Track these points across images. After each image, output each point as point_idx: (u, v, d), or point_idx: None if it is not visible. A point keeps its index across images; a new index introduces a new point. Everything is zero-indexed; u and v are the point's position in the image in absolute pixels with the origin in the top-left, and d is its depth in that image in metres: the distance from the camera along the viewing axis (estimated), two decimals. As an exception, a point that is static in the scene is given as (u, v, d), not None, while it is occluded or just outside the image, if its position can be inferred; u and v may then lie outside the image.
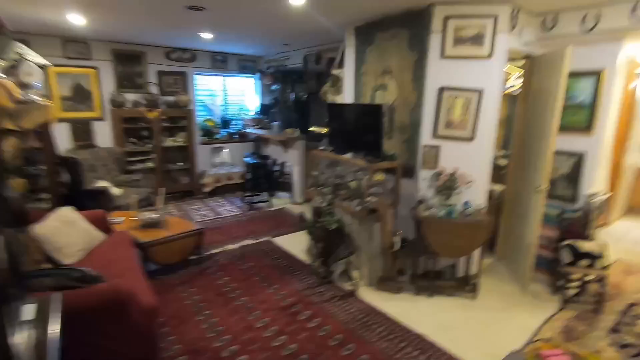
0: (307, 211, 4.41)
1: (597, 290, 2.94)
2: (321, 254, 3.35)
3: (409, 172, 3.29)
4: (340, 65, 4.09)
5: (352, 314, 2.83)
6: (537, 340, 2.52)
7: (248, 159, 5.52)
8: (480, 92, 2.97)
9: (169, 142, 5.80)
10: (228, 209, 5.49)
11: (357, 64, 3.74)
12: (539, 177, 3.06)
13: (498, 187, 3.99)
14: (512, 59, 3.49)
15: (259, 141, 6.67)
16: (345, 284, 3.27)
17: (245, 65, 6.64)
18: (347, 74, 3.90)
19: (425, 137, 3.14)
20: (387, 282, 3.19)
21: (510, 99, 4.60)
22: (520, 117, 3.57)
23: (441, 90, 3.00)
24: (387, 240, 3.05)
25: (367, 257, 3.25)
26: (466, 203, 3.05)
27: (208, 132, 6.46)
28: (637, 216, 5.37)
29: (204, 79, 6.46)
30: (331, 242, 3.25)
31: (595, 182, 3.28)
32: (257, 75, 6.77)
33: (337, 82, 4.12)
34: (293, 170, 5.68)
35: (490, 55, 2.90)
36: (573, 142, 3.27)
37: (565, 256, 3.00)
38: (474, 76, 2.96)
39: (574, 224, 3.13)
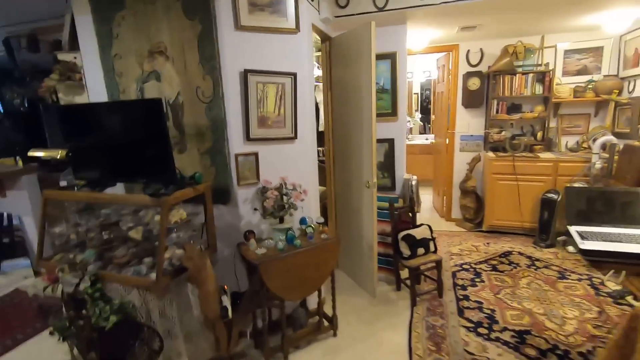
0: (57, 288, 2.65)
1: (435, 274, 2.89)
2: (100, 369, 1.88)
3: (223, 195, 2.28)
4: (74, 46, 2.54)
5: None
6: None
7: None
8: (293, 77, 2.29)
9: None
10: None
11: (101, 42, 2.35)
12: (366, 170, 2.73)
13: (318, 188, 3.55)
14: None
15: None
16: (157, 400, 1.95)
17: None
18: (88, 59, 2.43)
19: (236, 143, 2.21)
20: (224, 364, 2.10)
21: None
22: (327, 108, 3.18)
23: (245, 74, 2.13)
24: (212, 307, 1.95)
25: (187, 338, 2.05)
26: (303, 220, 2.35)
27: None
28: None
29: None
30: (114, 345, 1.85)
31: (403, 167, 3.29)
32: None
33: (70, 73, 2.54)
34: (24, 222, 3.52)
35: (296, 29, 2.25)
36: (383, 129, 3.14)
37: (404, 249, 2.81)
38: (282, 55, 2.25)
39: (402, 214, 3.00)
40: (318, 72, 3.59)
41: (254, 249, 2.11)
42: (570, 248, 3.55)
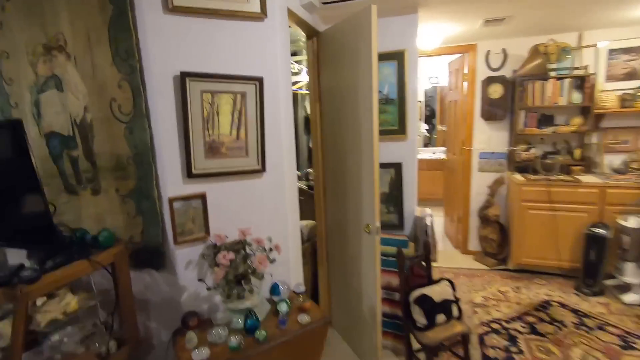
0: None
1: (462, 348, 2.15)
2: None
3: (155, 257, 1.55)
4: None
5: None
6: None
7: None
8: (259, 83, 1.57)
9: None
10: None
11: (-15, 34, 1.64)
12: (367, 209, 2.00)
13: (306, 223, 2.83)
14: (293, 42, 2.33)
15: None
16: None
17: None
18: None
19: (171, 182, 1.48)
20: None
21: (299, 100, 3.56)
22: (316, 123, 2.47)
23: (182, 79, 1.41)
24: None
25: None
26: (275, 288, 1.62)
27: None
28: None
29: None
30: None
31: (413, 199, 2.56)
32: None
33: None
34: None
35: (262, 13, 1.55)
36: (387, 151, 2.43)
37: (419, 317, 2.06)
38: (242, 52, 1.54)
39: (414, 265, 2.26)
40: (306, 78, 2.89)
41: (192, 345, 1.37)
42: (627, 298, 2.80)
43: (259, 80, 1.58)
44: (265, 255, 1.52)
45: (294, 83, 3.53)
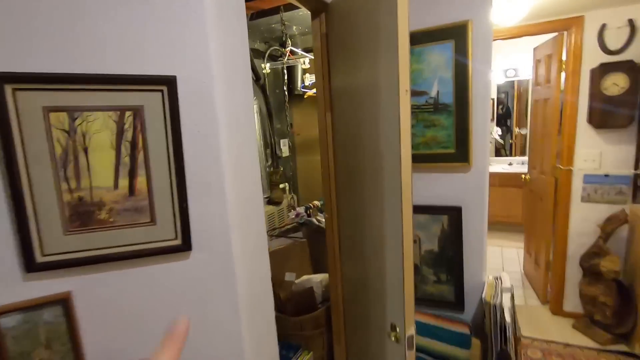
0: None
1: None
2: None
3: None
4: None
5: None
6: None
7: None
8: (167, 88, 0.82)
9: None
10: None
11: None
12: (392, 298, 1.15)
13: (322, 277, 2.06)
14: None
15: None
16: None
17: None
18: None
19: (4, 280, 0.80)
20: None
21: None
22: (327, 143, 1.66)
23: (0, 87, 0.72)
24: None
25: None
26: None
27: None
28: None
29: None
30: None
31: (481, 263, 1.61)
32: None
33: None
34: None
35: (165, -50, 0.79)
36: (438, 186, 1.53)
37: None
38: (132, 33, 0.80)
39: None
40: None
41: None
42: None
43: (169, 83, 0.83)
44: None
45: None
